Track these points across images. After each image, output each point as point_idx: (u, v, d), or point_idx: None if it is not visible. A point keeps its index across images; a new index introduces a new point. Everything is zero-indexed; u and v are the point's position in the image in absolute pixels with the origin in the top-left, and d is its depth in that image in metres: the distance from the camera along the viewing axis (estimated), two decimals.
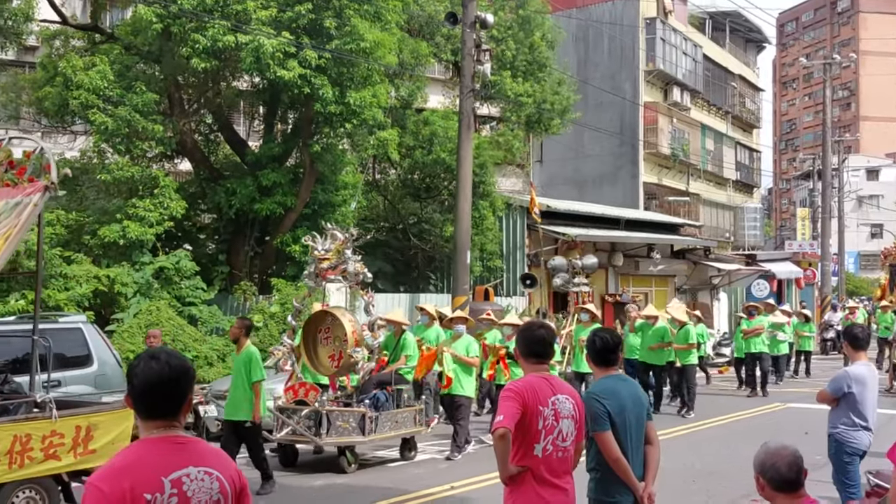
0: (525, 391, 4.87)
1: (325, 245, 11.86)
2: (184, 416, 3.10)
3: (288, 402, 11.70)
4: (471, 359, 12.63)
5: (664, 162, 39.19)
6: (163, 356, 3.05)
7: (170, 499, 2.89)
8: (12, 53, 22.52)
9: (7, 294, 14.72)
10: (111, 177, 17.77)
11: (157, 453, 2.96)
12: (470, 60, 19.56)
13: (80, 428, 8.42)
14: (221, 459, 3.11)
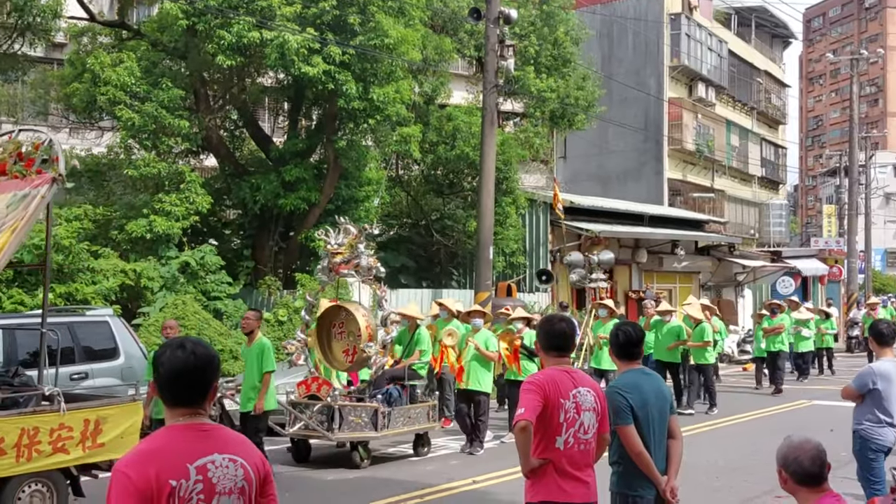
0: (546, 384, 4.90)
1: (337, 239, 11.78)
2: (209, 403, 3.14)
3: (300, 396, 11.60)
4: (490, 353, 12.52)
5: (689, 158, 39.00)
6: (188, 345, 3.10)
7: (195, 485, 2.93)
8: (41, 50, 22.74)
9: (36, 287, 14.88)
10: (138, 172, 17.93)
11: (183, 440, 3.00)
12: (493, 56, 19.56)
13: (89, 421, 8.35)
14: (246, 447, 3.14)
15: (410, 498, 9.81)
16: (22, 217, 7.88)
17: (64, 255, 15.27)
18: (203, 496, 2.94)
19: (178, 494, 2.90)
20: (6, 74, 20.57)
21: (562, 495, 4.88)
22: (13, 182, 8.42)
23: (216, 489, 2.97)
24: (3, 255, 7.61)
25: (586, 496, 4.96)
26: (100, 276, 15.98)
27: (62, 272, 15.36)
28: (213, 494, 2.96)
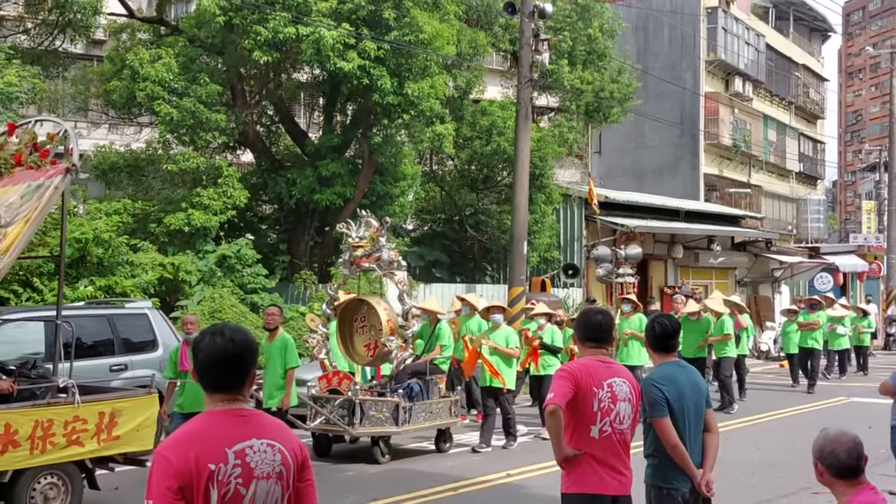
0: (578, 372, 4.93)
1: (359, 232, 11.67)
2: (248, 389, 3.18)
3: (321, 390, 11.55)
4: (510, 349, 12.34)
5: (725, 153, 38.67)
6: (227, 332, 3.14)
7: (233, 469, 2.98)
8: (81, 47, 23.02)
9: (76, 280, 15.11)
10: (177, 167, 18.12)
11: (222, 425, 3.05)
12: (528, 50, 19.53)
13: (104, 414, 8.32)
14: (283, 432, 3.19)
15: (445, 490, 9.87)
16: (35, 207, 7.87)
17: (104, 249, 15.47)
18: (241, 480, 2.99)
19: (216, 478, 2.95)
20: (48, 71, 20.86)
21: (599, 485, 4.89)
22: (28, 173, 8.42)
23: (254, 473, 3.01)
24: (16, 246, 7.62)
25: (622, 487, 4.96)
26: (139, 269, 16.17)
27: (102, 265, 15.56)
28: (251, 478, 3.00)
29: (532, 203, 22.32)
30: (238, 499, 2.98)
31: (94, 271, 15.41)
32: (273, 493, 3.06)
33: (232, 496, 2.97)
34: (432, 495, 9.67)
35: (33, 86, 16.42)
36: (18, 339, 11.34)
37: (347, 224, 11.93)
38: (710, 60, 38.00)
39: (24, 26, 21.12)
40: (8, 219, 7.84)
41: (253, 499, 3.01)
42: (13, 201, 8.06)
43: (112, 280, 15.33)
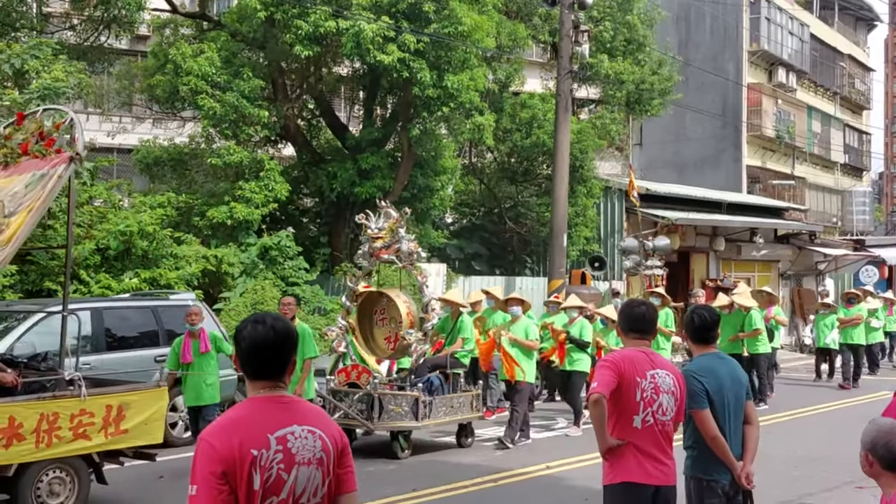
0: (621, 361, 4.94)
1: (378, 223, 11.41)
2: (288, 377, 3.24)
3: (340, 384, 11.33)
4: (530, 342, 12.06)
5: (768, 145, 38.21)
6: (268, 320, 3.20)
7: (275, 455, 3.03)
8: (125, 43, 23.37)
9: (122, 272, 15.36)
10: (220, 161, 18.32)
11: (264, 411, 3.11)
12: (568, 42, 19.48)
13: (112, 407, 8.16)
14: (323, 419, 3.24)
15: (484, 482, 9.91)
16: (39, 197, 7.80)
17: (148, 242, 15.70)
18: (283, 465, 3.04)
19: (259, 463, 3.00)
20: (93, 66, 21.17)
21: (643, 476, 4.90)
22: (33, 162, 8.33)
23: (296, 459, 3.06)
24: (18, 236, 7.57)
25: (666, 478, 4.96)
26: (182, 261, 16.39)
27: (147, 258, 15.81)
28: (292, 464, 3.05)
29: (572, 196, 22.26)
30: (280, 484, 3.03)
31: (138, 263, 15.65)
32: (314, 479, 3.11)
33: (274, 481, 3.02)
34: (472, 486, 9.72)
35: (79, 81, 16.66)
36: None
37: (366, 215, 11.67)
38: (752, 51, 37.54)
39: (70, 22, 21.48)
40: (11, 209, 7.80)
41: (294, 484, 3.06)
42: (17, 191, 8.01)
43: (156, 272, 15.55)
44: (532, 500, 9.15)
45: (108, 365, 10.69)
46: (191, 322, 10.41)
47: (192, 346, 10.35)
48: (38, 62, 15.31)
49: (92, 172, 16.74)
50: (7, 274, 13.51)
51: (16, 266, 13.91)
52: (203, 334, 10.43)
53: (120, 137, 23.14)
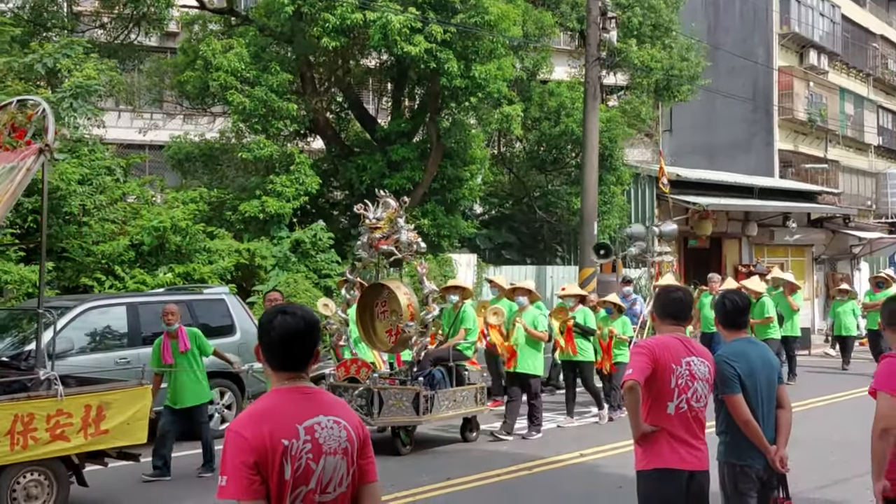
0: (656, 347, 4.95)
1: (376, 214, 10.98)
2: (310, 368, 3.27)
3: (339, 379, 11.02)
4: (539, 333, 11.82)
5: (800, 128, 37.81)
6: (297, 311, 3.23)
7: (304, 444, 3.07)
8: (155, 40, 23.60)
9: (156, 267, 15.53)
10: (252, 155, 18.45)
11: (291, 402, 3.14)
12: (595, 29, 19.39)
13: (91, 407, 7.88)
14: (346, 410, 3.28)
15: (519, 470, 9.96)
16: (7, 191, 7.55)
17: (181, 237, 15.86)
18: (311, 455, 3.08)
19: (290, 453, 3.04)
20: (123, 64, 21.39)
21: (677, 461, 4.90)
22: (4, 154, 8.10)
23: (323, 449, 3.10)
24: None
25: (699, 463, 4.97)
26: (215, 255, 16.54)
27: (180, 253, 15.96)
28: (320, 454, 3.09)
29: (602, 184, 22.18)
30: (308, 474, 3.07)
31: (172, 259, 15.81)
32: (339, 469, 3.15)
33: (303, 471, 3.06)
34: (506, 475, 9.77)
35: (110, 79, 16.87)
36: (102, 325, 11.73)
37: (365, 205, 11.29)
38: (783, 34, 37.13)
39: (101, 21, 21.72)
40: None
41: (322, 473, 3.10)
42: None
43: (190, 267, 15.71)
44: (566, 487, 9.18)
45: (144, 359, 10.81)
46: (167, 322, 9.86)
47: (171, 347, 9.83)
48: (70, 61, 15.49)
49: (125, 169, 16.93)
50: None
51: (52, 263, 14.13)
52: (181, 333, 9.84)
53: (151, 134, 23.37)
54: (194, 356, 9.88)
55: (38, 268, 13.43)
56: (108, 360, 10.94)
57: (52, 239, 14.56)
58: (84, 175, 14.92)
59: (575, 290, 13.53)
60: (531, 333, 11.77)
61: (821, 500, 8.53)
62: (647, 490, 5.02)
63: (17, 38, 16.48)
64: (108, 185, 15.83)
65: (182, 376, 9.79)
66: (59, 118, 15.17)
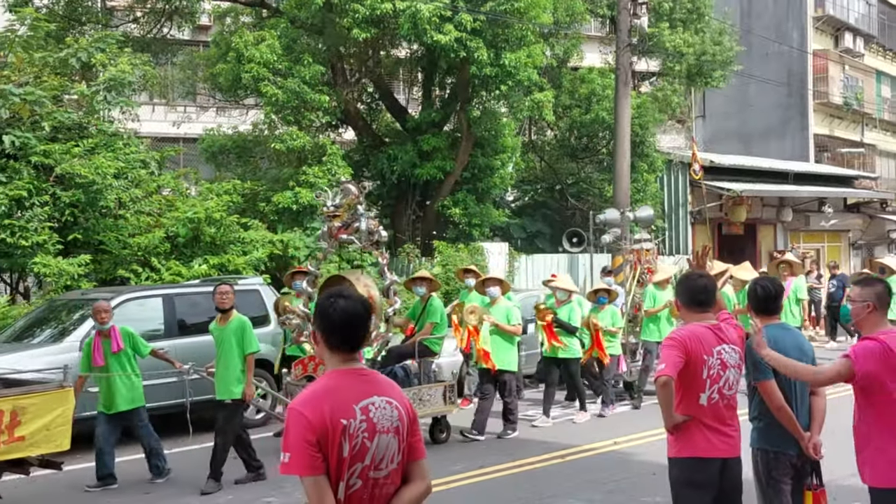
0: (688, 339, 4.90)
1: (334, 201, 10.14)
2: (364, 345, 3.44)
3: (296, 377, 10.28)
4: (511, 327, 11.13)
5: (836, 112, 37.35)
6: (353, 295, 3.39)
7: (360, 423, 3.21)
8: (187, 33, 23.76)
9: (191, 259, 15.68)
10: (284, 146, 18.56)
11: (348, 383, 3.29)
12: (626, 15, 19.28)
13: (3, 412, 7.31)
14: (397, 391, 3.42)
15: (552, 458, 9.99)
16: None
17: (216, 228, 15.99)
18: (367, 434, 3.22)
19: (348, 432, 3.18)
20: (157, 58, 21.60)
21: (709, 449, 4.90)
22: None
23: (377, 428, 3.24)
24: None
25: (731, 450, 4.96)
26: (250, 246, 16.66)
27: (214, 244, 16.09)
28: (374, 433, 3.23)
29: (634, 171, 22.08)
30: (364, 451, 3.21)
31: (207, 250, 15.95)
32: (391, 446, 3.28)
33: (360, 449, 3.20)
34: (539, 463, 9.80)
35: (144, 73, 17.03)
36: (139, 317, 11.86)
37: (322, 191, 10.60)
38: (817, 17, 36.65)
39: (134, 15, 21.94)
40: None
41: (376, 451, 3.23)
42: None
43: (224, 258, 15.83)
44: (600, 475, 9.18)
45: (180, 350, 10.92)
46: (100, 320, 9.11)
47: (102, 347, 9.13)
48: (104, 55, 15.65)
49: (159, 162, 17.11)
50: (81, 264, 13.92)
51: (89, 255, 14.32)
52: (114, 333, 9.17)
53: (185, 127, 23.59)
54: (128, 357, 9.21)
55: (76, 260, 13.79)
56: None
57: (90, 232, 14.77)
58: (120, 169, 15.09)
59: (565, 284, 12.55)
60: (502, 328, 11.10)
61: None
62: (679, 477, 5.02)
63: (52, 33, 16.66)
64: (144, 179, 16.00)
65: (114, 379, 9.11)
66: (93, 111, 15.44)
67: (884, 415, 4.66)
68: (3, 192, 13.66)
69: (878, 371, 4.58)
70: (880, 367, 4.58)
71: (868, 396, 4.69)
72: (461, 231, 20.54)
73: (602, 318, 12.51)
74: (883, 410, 4.66)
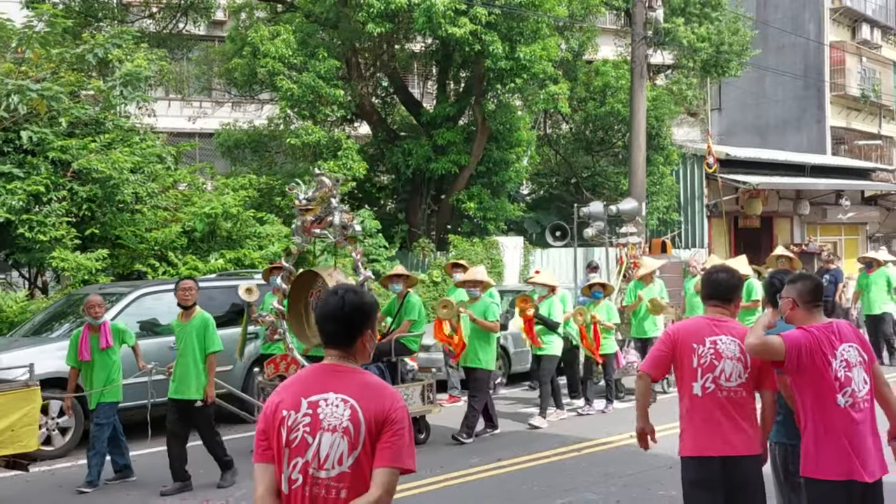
0: (679, 330, 5.06)
1: (307, 194, 9.77)
2: (360, 348, 3.31)
3: (269, 377, 10.06)
4: (490, 323, 10.71)
5: (853, 104, 37.10)
6: (343, 293, 3.31)
7: (303, 418, 3.18)
8: (203, 29, 23.85)
9: (207, 254, 15.75)
10: (300, 141, 18.61)
11: (313, 376, 3.29)
12: (641, 7, 19.23)
13: None
14: (370, 391, 3.21)
15: (568, 451, 9.99)
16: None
17: (232, 223, 16.06)
18: (309, 429, 3.17)
19: (286, 423, 3.19)
20: (173, 53, 21.68)
21: (705, 447, 4.86)
22: None
23: (321, 425, 3.16)
24: None
25: (739, 448, 4.83)
26: (266, 241, 16.72)
27: (231, 239, 16.16)
28: (317, 429, 3.16)
29: (650, 164, 22.02)
30: (304, 446, 3.16)
31: (223, 245, 16.02)
32: (338, 446, 3.14)
33: (299, 443, 3.17)
34: (555, 456, 9.80)
35: (160, 68, 17.10)
36: (156, 311, 11.93)
37: (295, 184, 10.19)
38: (834, 8, 36.41)
39: (150, 11, 22.02)
40: None
41: (318, 449, 3.15)
42: None
43: (241, 252, 15.90)
44: (616, 468, 9.18)
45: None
46: (93, 315, 8.87)
47: (90, 342, 8.88)
48: (121, 51, 15.72)
49: (175, 157, 17.18)
50: (99, 258, 14.01)
51: (107, 250, 14.41)
52: (105, 328, 8.92)
53: (201, 122, 23.69)
54: (114, 353, 8.97)
55: (94, 255, 13.88)
56: (161, 346, 11.11)
57: (107, 227, 14.86)
58: (136, 164, 15.18)
59: (546, 279, 12.08)
60: (479, 323, 10.69)
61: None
62: (683, 477, 5.04)
63: (68, 29, 16.75)
64: (160, 173, 16.08)
65: (97, 375, 8.86)
66: (110, 107, 15.52)
67: None
68: (22, 187, 13.77)
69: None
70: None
71: None
72: (476, 225, 20.56)
73: (598, 313, 12.11)
74: None
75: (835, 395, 4.66)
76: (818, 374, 4.67)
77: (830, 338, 4.72)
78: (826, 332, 4.74)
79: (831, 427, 4.65)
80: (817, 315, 4.84)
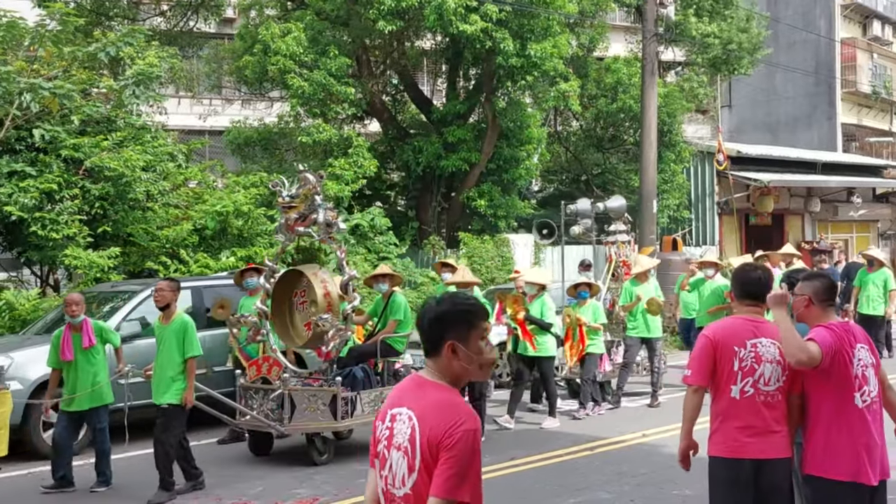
0: (718, 332, 4.92)
1: (290, 192, 9.57)
2: (445, 357, 3.09)
3: (250, 379, 9.78)
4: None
5: (864, 101, 36.95)
6: (443, 301, 3.17)
7: (385, 431, 3.17)
8: (213, 26, 23.88)
9: (219, 252, 15.76)
10: (310, 139, 18.61)
11: (404, 387, 3.22)
12: (652, 3, 19.17)
13: None
14: (437, 408, 3.04)
15: (581, 450, 9.99)
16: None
17: (243, 221, 16.06)
18: (386, 443, 3.13)
19: (375, 434, 3.20)
20: (183, 51, 21.71)
21: (739, 449, 4.80)
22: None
23: (393, 442, 3.09)
24: None
25: (769, 451, 4.79)
26: (276, 238, 16.73)
27: (242, 237, 16.16)
28: (391, 444, 3.10)
29: (661, 161, 21.96)
30: (383, 461, 3.12)
31: (234, 242, 16.02)
32: (401, 465, 3.05)
33: (381, 456, 3.14)
34: (567, 455, 9.80)
35: (171, 66, 17.11)
36: None
37: (280, 182, 9.94)
38: (845, 4, 36.26)
39: (160, 9, 22.06)
40: None
41: (392, 465, 3.08)
42: None
43: (252, 250, 15.90)
44: (629, 466, 9.17)
45: (208, 341, 10.93)
46: (71, 313, 8.53)
47: (72, 342, 8.56)
48: (132, 49, 15.74)
49: (186, 155, 17.20)
50: (111, 256, 14.04)
51: (119, 248, 14.45)
52: (86, 327, 8.59)
53: (211, 120, 23.72)
54: (99, 353, 8.68)
55: (106, 253, 13.90)
56: None
57: (119, 225, 14.89)
58: (148, 162, 15.20)
59: (535, 278, 11.89)
60: None
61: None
62: (711, 476, 4.98)
63: (80, 28, 16.77)
64: (171, 171, 16.10)
65: (81, 375, 8.54)
66: (121, 105, 15.55)
67: None
68: (34, 185, 13.81)
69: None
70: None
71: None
72: (487, 222, 20.54)
73: (583, 313, 11.87)
74: None
75: (853, 394, 4.65)
76: (841, 374, 4.65)
77: (849, 338, 4.72)
78: (844, 331, 4.73)
79: (847, 427, 4.63)
80: (830, 313, 4.84)
